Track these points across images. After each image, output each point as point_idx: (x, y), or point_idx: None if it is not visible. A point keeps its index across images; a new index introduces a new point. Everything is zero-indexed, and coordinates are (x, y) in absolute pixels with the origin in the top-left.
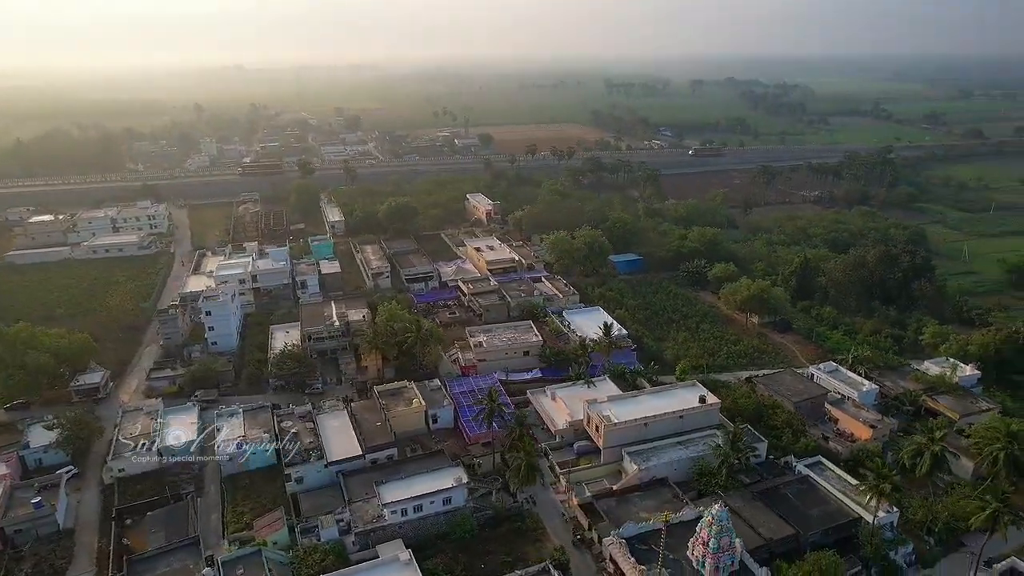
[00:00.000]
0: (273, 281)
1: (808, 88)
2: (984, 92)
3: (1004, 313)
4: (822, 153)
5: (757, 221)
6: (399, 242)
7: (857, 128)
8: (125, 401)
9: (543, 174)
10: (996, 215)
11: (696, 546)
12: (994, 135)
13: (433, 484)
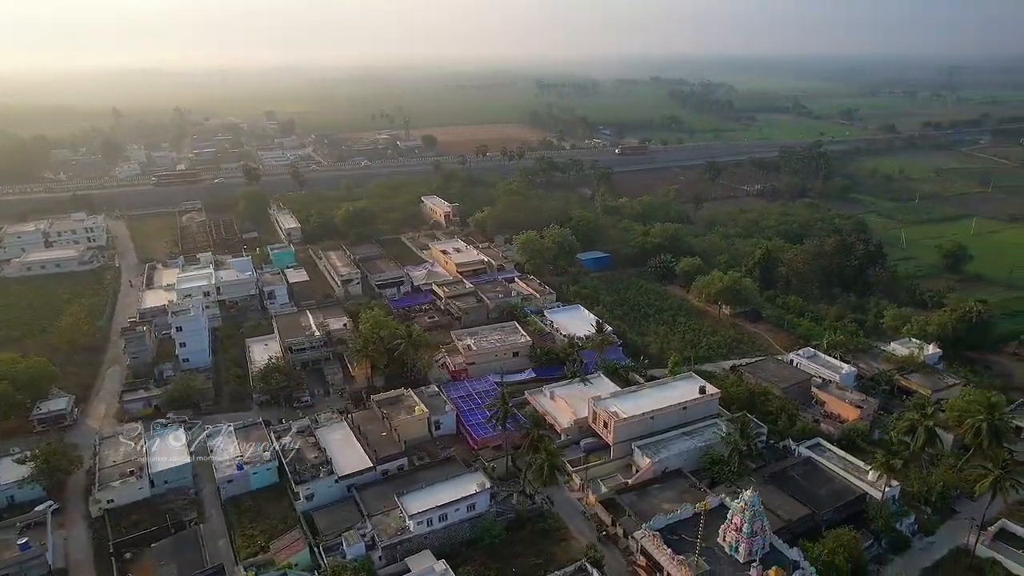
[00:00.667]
0: (239, 292)
1: (730, 87)
2: (889, 90)
3: (954, 294)
4: (755, 149)
5: (710, 215)
6: (363, 248)
7: (783, 124)
8: (99, 428)
9: (494, 175)
10: (921, 204)
11: (728, 532)
12: (905, 129)
13: (456, 491)
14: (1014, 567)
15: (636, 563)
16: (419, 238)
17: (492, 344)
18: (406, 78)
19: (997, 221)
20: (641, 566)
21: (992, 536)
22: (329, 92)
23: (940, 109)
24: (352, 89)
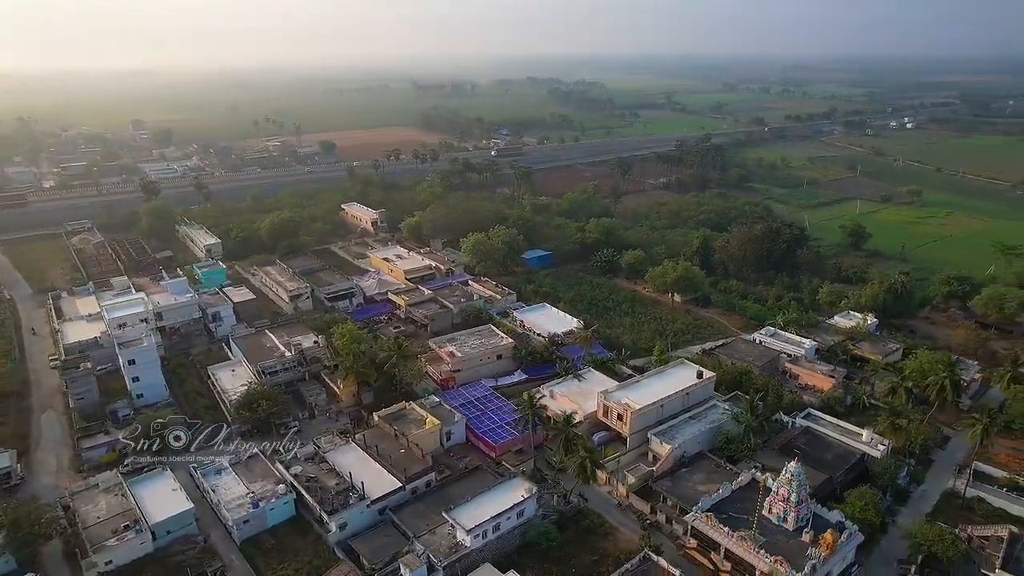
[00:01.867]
0: (181, 317)
1: (602, 85)
2: (745, 86)
3: (874, 269)
4: (648, 144)
5: (631, 209)
6: (298, 260)
7: (663, 120)
8: (55, 483)
9: (409, 178)
10: (808, 189)
11: (775, 503)
12: (771, 122)
13: (503, 500)
14: (995, 501)
15: (686, 546)
16: (350, 247)
17: (475, 349)
18: (272, 83)
19: (873, 202)
20: (692, 548)
21: (971, 477)
22: (192, 98)
23: (791, 102)
24: (217, 94)
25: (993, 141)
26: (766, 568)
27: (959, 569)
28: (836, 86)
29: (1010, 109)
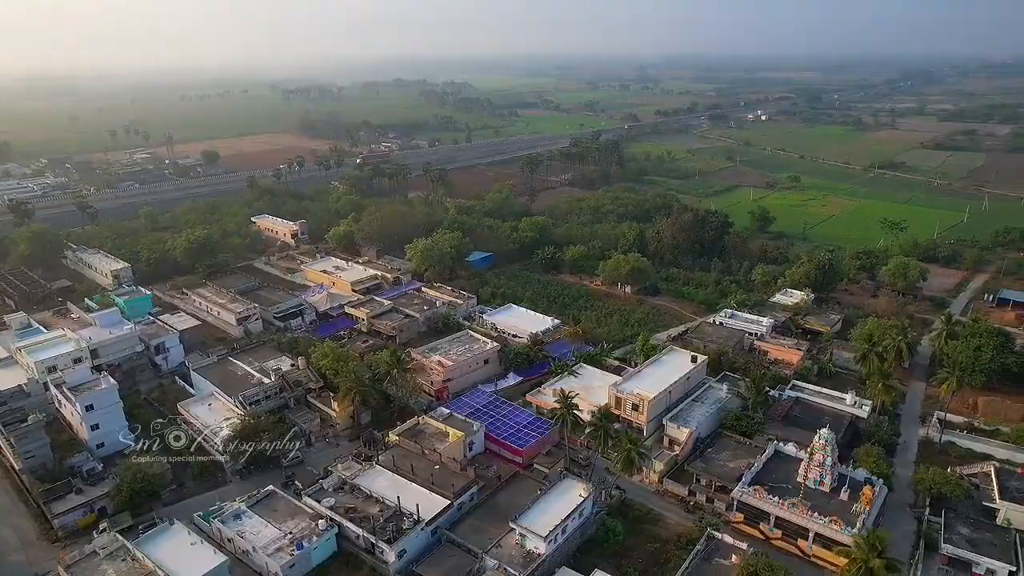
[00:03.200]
0: (121, 352)
1: (469, 85)
2: (605, 84)
3: (795, 249)
4: (540, 142)
5: (549, 206)
6: (229, 280)
7: (543, 119)
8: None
9: (313, 186)
10: (700, 179)
11: (811, 469)
12: (643, 118)
13: (562, 502)
14: (964, 443)
15: (732, 520)
16: (276, 262)
17: (463, 356)
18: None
19: (760, 189)
20: (738, 522)
21: (943, 426)
22: (16, 108)
23: (652, 98)
24: (46, 103)
25: (835, 130)
26: (821, 529)
27: (963, 505)
28: (686, 82)
29: (838, 101)
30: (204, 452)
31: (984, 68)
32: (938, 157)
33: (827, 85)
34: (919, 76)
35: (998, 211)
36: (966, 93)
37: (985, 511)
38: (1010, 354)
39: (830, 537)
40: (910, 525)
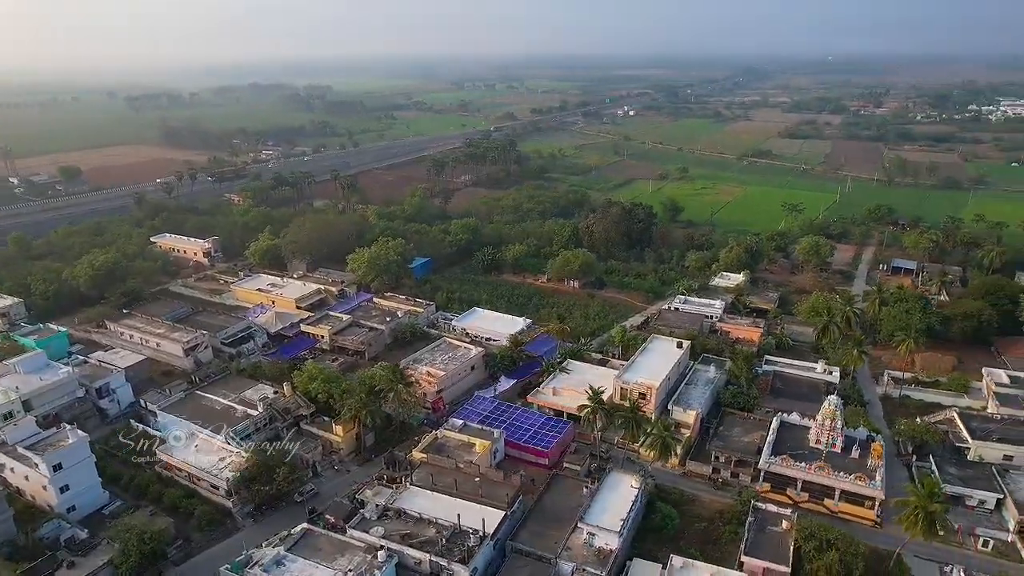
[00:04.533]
0: (59, 400)
1: (330, 88)
2: (470, 84)
3: (715, 235)
4: (430, 144)
5: (465, 208)
6: (154, 307)
7: (423, 120)
8: None
9: (207, 200)
10: (597, 175)
11: (823, 433)
12: (520, 116)
13: (618, 495)
14: (917, 396)
15: (760, 491)
16: (195, 283)
17: (451, 365)
18: None
19: (654, 181)
20: (766, 491)
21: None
22: None
23: (520, 97)
24: None
25: (698, 123)
26: (847, 486)
27: (941, 449)
28: (549, 81)
29: (693, 97)
30: (204, 499)
31: (805, 66)
32: (793, 145)
33: (677, 81)
34: (752, 73)
35: (861, 191)
36: (794, 88)
37: (956, 451)
38: (931, 314)
39: (856, 492)
40: (902, 472)
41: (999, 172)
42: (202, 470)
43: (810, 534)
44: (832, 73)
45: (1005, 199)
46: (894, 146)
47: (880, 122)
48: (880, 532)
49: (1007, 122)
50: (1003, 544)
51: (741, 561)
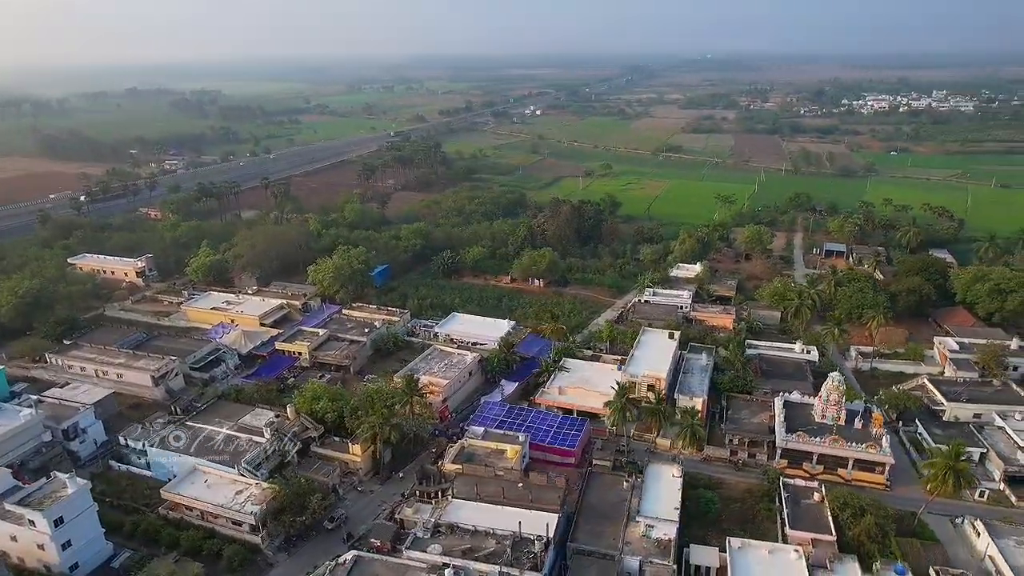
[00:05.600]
0: (23, 446)
1: (219, 92)
2: (367, 86)
3: (670, 226)
4: (345, 148)
5: (404, 212)
6: (100, 335)
7: (331, 124)
8: None
9: (121, 215)
10: (524, 174)
11: (829, 408)
12: (430, 118)
13: (663, 486)
14: (883, 367)
15: (778, 467)
16: (134, 305)
17: (452, 372)
18: None
19: (582, 179)
20: (783, 467)
21: (861, 356)
22: None
23: (421, 98)
24: None
25: (604, 121)
26: (861, 455)
27: (923, 413)
28: (445, 82)
29: (594, 95)
30: (226, 538)
31: (686, 64)
32: (699, 140)
33: (572, 80)
34: (640, 71)
35: (773, 181)
36: (682, 85)
37: (932, 414)
38: (879, 292)
39: (868, 460)
40: (892, 436)
41: (882, 160)
42: (220, 507)
43: (844, 503)
44: (713, 71)
45: (894, 184)
46: (788, 138)
47: (770, 116)
48: (890, 494)
49: (876, 115)
50: (996, 492)
51: (786, 535)
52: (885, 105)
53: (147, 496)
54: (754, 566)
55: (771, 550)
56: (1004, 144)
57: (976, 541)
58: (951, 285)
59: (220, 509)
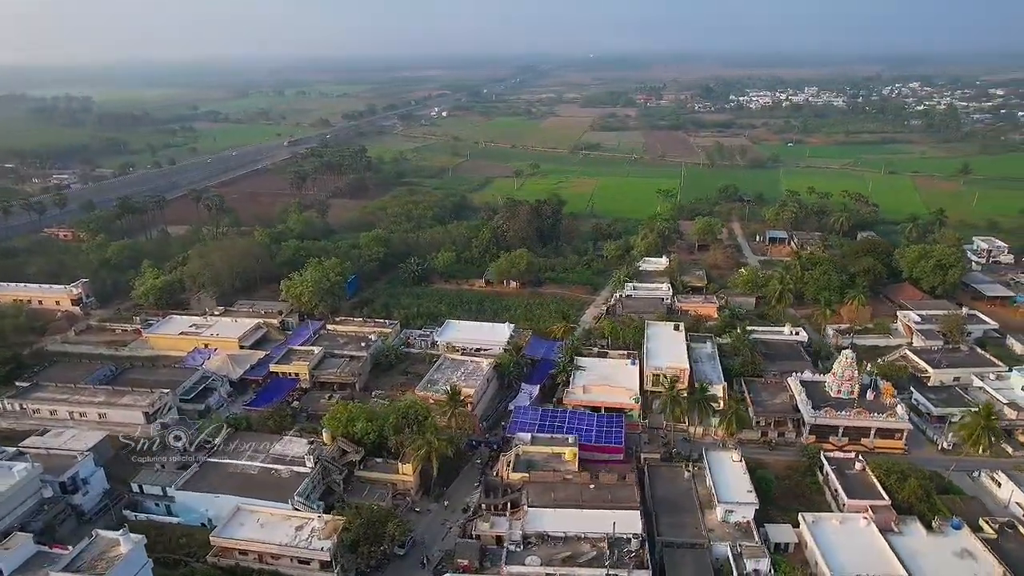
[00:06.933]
0: (21, 506)
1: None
2: (256, 91)
3: (618, 222)
4: (255, 155)
5: (349, 220)
6: (56, 372)
7: (231, 131)
8: None
9: (25, 237)
10: (453, 176)
11: (843, 383)
12: (334, 123)
13: (728, 470)
14: (860, 342)
15: (808, 442)
16: (78, 337)
17: (473, 380)
18: None
19: (513, 179)
20: (811, 442)
21: (839, 334)
22: None
23: (316, 102)
24: None
25: (512, 121)
26: (883, 424)
27: (912, 380)
28: (336, 85)
29: (494, 95)
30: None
31: (573, 63)
32: (610, 137)
33: (467, 81)
34: (531, 71)
35: (693, 175)
36: (575, 84)
37: (918, 381)
38: (842, 273)
39: (888, 428)
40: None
41: (784, 152)
42: (284, 546)
43: (887, 470)
44: (600, 70)
45: (800, 174)
46: (693, 133)
47: (669, 113)
48: (909, 457)
49: (764, 110)
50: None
51: (842, 504)
52: (769, 100)
53: (184, 545)
54: (831, 537)
55: (841, 520)
56: (878, 135)
57: (997, 491)
58: (896, 263)
59: (284, 549)
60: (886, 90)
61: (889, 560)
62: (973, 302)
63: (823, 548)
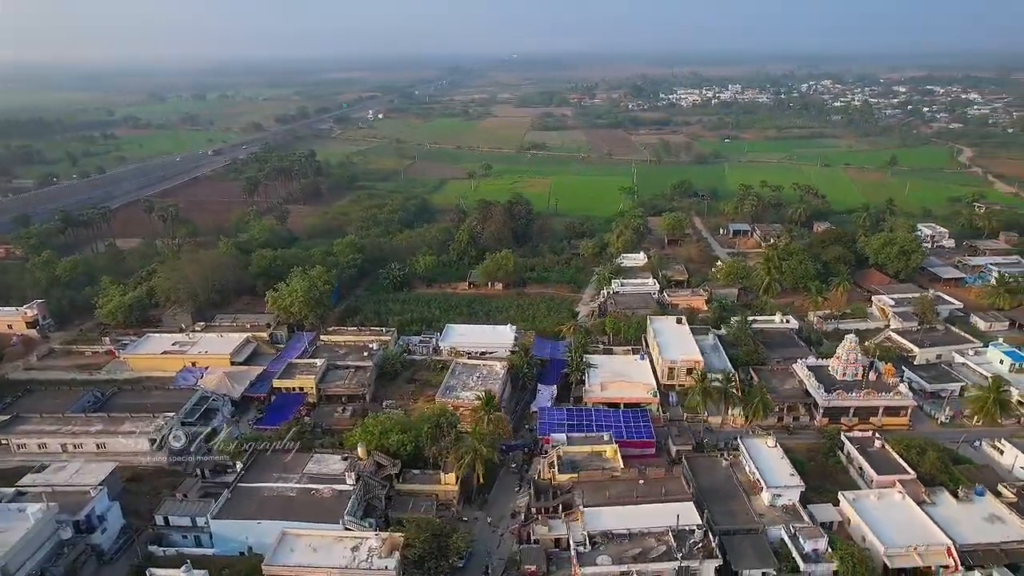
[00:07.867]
0: (40, 550)
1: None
2: (175, 95)
3: (595, 220)
4: (193, 162)
5: (312, 226)
6: (32, 402)
7: (158, 138)
8: None
9: None
10: (406, 179)
11: (848, 367)
12: (267, 127)
13: (766, 455)
14: (843, 326)
15: (822, 424)
16: (42, 362)
17: (494, 385)
18: None
19: (467, 180)
20: (824, 424)
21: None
22: None
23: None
24: None
25: (451, 122)
26: (890, 403)
27: (899, 360)
28: (260, 88)
29: (428, 97)
30: None
31: (496, 63)
32: (552, 137)
33: (395, 83)
34: (458, 72)
35: (645, 172)
36: (504, 84)
37: (905, 360)
38: (814, 262)
39: (894, 406)
40: None
41: (723, 148)
42: (344, 568)
43: (906, 445)
44: (525, 70)
45: (744, 168)
46: (632, 131)
47: (604, 112)
48: (914, 432)
49: (695, 107)
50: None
51: (871, 480)
52: (698, 98)
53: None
54: (873, 512)
55: (878, 496)
56: (806, 130)
57: (1000, 459)
58: (861, 250)
59: (345, 572)
60: (803, 87)
61: (931, 529)
62: (932, 284)
63: (870, 523)
